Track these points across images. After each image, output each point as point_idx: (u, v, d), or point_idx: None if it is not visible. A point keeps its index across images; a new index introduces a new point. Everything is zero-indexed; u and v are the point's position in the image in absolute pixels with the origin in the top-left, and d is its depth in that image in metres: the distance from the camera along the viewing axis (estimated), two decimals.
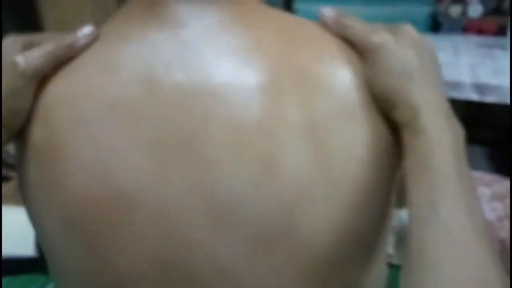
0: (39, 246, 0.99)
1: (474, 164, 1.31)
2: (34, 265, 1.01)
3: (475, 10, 1.40)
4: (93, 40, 0.37)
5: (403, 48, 0.34)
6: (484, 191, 0.98)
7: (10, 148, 1.29)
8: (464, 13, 1.42)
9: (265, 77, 0.33)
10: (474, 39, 1.38)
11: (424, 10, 1.58)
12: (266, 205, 0.32)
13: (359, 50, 0.35)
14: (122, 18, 0.38)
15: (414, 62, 0.34)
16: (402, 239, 0.92)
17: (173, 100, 0.33)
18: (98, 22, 0.40)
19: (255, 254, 0.33)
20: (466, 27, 1.45)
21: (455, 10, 1.44)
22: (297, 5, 1.83)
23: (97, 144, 0.34)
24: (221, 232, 0.33)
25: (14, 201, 1.07)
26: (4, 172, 1.24)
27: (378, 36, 0.34)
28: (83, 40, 0.36)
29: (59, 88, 0.36)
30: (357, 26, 0.36)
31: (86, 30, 0.36)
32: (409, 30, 0.36)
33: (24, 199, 0.39)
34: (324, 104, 0.33)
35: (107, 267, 0.35)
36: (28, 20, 2.45)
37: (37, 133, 0.36)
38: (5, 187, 1.08)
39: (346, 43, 0.36)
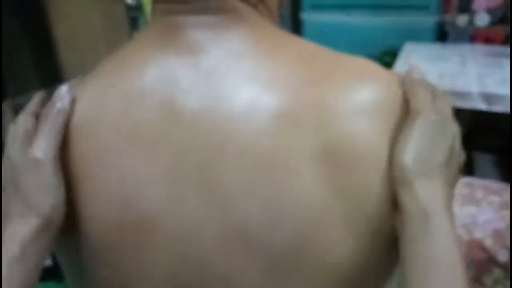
0: (53, 254, 1.00)
1: (482, 173, 1.31)
2: (48, 273, 1.02)
3: (482, 19, 1.41)
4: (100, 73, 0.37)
5: (435, 132, 0.33)
6: (493, 200, 0.98)
7: None
8: (471, 22, 1.43)
9: (281, 107, 0.33)
10: (481, 48, 1.39)
11: (431, 20, 1.59)
12: (281, 233, 0.32)
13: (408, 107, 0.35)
14: (140, 43, 0.38)
15: (440, 157, 0.33)
16: None
17: (190, 127, 0.34)
18: (108, 34, 0.40)
19: (270, 281, 0.33)
20: (473, 36, 1.46)
21: (462, 20, 1.44)
22: (304, 15, 1.85)
23: (118, 173, 0.34)
24: (236, 258, 0.33)
25: None
26: None
27: (427, 110, 0.34)
28: (66, 101, 0.36)
29: (80, 113, 0.36)
30: (422, 93, 0.35)
31: (63, 90, 0.37)
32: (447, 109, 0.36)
33: None
34: (341, 132, 0.32)
35: None
36: (39, 35, 2.48)
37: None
38: None
39: (361, 77, 0.35)
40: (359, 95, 0.34)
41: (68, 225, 0.36)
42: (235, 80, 0.34)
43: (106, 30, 2.34)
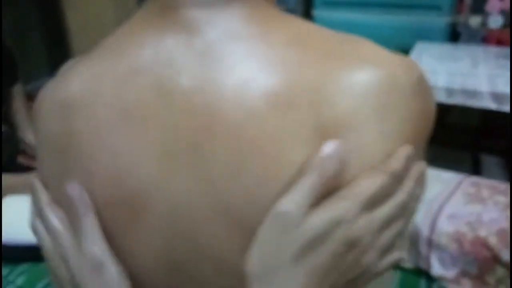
0: None
1: (490, 173, 1.30)
2: None
3: (495, 21, 1.40)
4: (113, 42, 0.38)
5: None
6: (500, 199, 0.98)
7: (30, 138, 1.32)
8: (484, 23, 1.42)
9: (274, 88, 0.33)
10: (493, 49, 1.38)
11: (443, 20, 1.58)
12: (268, 207, 0.32)
13: None
14: (137, 22, 0.38)
15: (287, 253, 0.31)
16: (414, 242, 0.93)
17: (181, 107, 0.34)
18: (120, 24, 0.40)
19: None
20: (485, 37, 1.45)
21: (474, 21, 1.44)
22: (315, 12, 1.85)
23: (112, 150, 0.35)
24: (225, 236, 0.33)
25: None
26: (27, 162, 1.27)
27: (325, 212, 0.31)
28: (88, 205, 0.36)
29: (77, 88, 0.37)
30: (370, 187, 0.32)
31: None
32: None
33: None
34: (336, 116, 0.32)
35: (123, 268, 0.35)
36: (52, 24, 2.50)
37: (57, 133, 0.37)
38: (28, 177, 1.11)
39: (358, 59, 0.35)
40: (355, 77, 0.33)
41: (64, 200, 0.36)
42: (228, 61, 0.34)
43: (118, 19, 2.35)
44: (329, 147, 0.31)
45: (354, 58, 0.34)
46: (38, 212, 0.38)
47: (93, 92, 0.36)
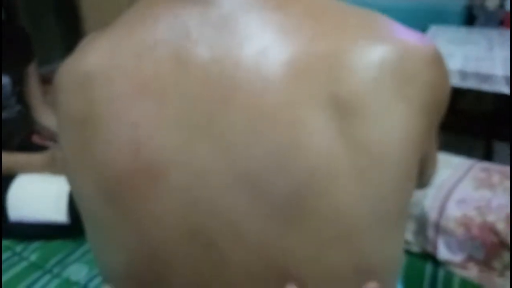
0: (70, 213, 1.03)
1: (501, 161, 1.28)
2: (66, 231, 1.05)
3: (510, 3, 1.37)
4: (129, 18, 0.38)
5: None
6: (510, 185, 0.96)
7: (44, 119, 1.34)
8: (501, 6, 1.39)
9: (290, 58, 0.33)
10: (509, 33, 1.35)
11: (459, 3, 1.55)
12: (284, 180, 0.33)
13: None
14: None
15: None
16: (422, 226, 0.92)
17: (199, 78, 0.34)
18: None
19: (272, 226, 0.34)
20: (502, 20, 1.41)
21: (492, 3, 1.40)
22: None
23: (131, 120, 0.35)
24: (242, 204, 0.34)
25: (49, 170, 1.12)
26: (41, 142, 1.30)
27: None
28: None
29: (96, 61, 0.38)
30: None
31: None
32: None
33: (65, 166, 0.41)
34: (352, 84, 0.33)
35: (143, 236, 0.36)
36: (66, 8, 2.51)
37: (76, 104, 0.38)
38: (41, 156, 1.13)
39: (372, 32, 0.35)
40: (370, 50, 0.34)
41: (84, 168, 0.38)
42: (244, 32, 0.35)
43: (132, 4, 2.35)
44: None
45: (369, 30, 0.35)
46: None
47: (112, 64, 0.37)
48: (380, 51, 0.34)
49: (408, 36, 0.36)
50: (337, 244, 0.34)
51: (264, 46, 0.34)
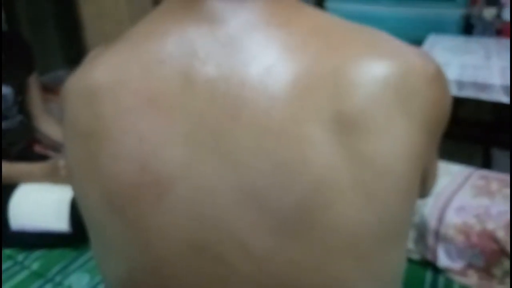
0: (72, 222, 1.04)
1: (500, 167, 1.29)
2: (67, 240, 1.06)
3: (510, 13, 1.38)
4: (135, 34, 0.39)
5: None
6: (509, 193, 0.97)
7: (44, 128, 1.35)
8: (498, 15, 1.40)
9: (296, 75, 0.34)
10: (506, 42, 1.36)
11: (457, 12, 1.56)
12: (290, 196, 0.33)
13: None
14: (161, 13, 0.39)
15: None
16: (422, 234, 0.93)
17: (206, 95, 0.35)
18: (133, 18, 0.41)
19: (278, 241, 0.34)
20: (499, 30, 1.43)
21: (489, 13, 1.42)
22: (328, 4, 1.84)
23: (137, 135, 0.36)
24: (248, 219, 0.34)
25: (51, 179, 1.13)
26: (42, 151, 1.30)
27: None
28: None
29: (103, 75, 0.38)
30: None
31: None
32: None
33: (70, 177, 0.41)
34: (356, 99, 0.33)
35: (147, 248, 0.37)
36: (66, 16, 2.52)
37: (83, 118, 0.38)
38: (43, 165, 1.13)
39: (377, 49, 0.36)
40: (374, 66, 0.35)
41: (90, 180, 0.38)
42: (251, 49, 0.35)
43: (132, 14, 2.36)
44: None
45: (372, 48, 0.36)
46: None
47: (119, 79, 0.37)
48: (383, 67, 0.35)
49: (411, 53, 0.37)
50: (342, 254, 0.35)
51: (269, 64, 0.35)
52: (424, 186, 0.42)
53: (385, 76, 0.34)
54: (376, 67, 0.35)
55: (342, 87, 0.34)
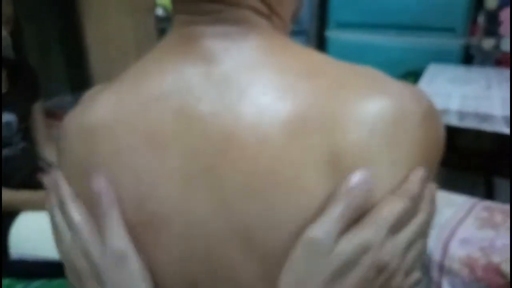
0: None
1: (503, 198, 1.28)
2: None
3: (508, 44, 1.40)
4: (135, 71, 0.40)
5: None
6: None
7: (48, 155, 1.35)
8: (497, 46, 1.42)
9: (288, 116, 0.34)
10: (506, 72, 1.38)
11: (457, 42, 1.59)
12: (280, 237, 0.34)
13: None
14: (161, 51, 0.40)
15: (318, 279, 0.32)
16: (426, 266, 0.92)
17: (199, 132, 0.36)
18: (138, 44, 0.42)
19: (267, 281, 0.34)
20: (498, 60, 1.45)
21: (488, 43, 1.44)
22: (329, 33, 1.87)
23: (134, 173, 0.36)
24: (238, 258, 0.35)
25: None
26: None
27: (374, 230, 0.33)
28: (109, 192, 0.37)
29: (101, 114, 0.38)
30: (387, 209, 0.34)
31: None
32: None
33: None
34: (347, 138, 0.34)
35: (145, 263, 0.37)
36: (72, 42, 2.57)
37: (80, 156, 0.38)
38: (42, 193, 1.13)
39: (369, 89, 0.36)
40: (366, 107, 0.35)
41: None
42: (244, 89, 0.36)
43: (137, 40, 2.40)
44: (356, 177, 0.33)
45: (364, 88, 0.36)
46: (59, 205, 0.39)
47: (117, 117, 0.38)
48: (375, 107, 0.35)
49: (404, 93, 0.37)
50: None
51: (262, 104, 0.35)
52: None
53: (376, 116, 0.35)
54: (368, 107, 0.35)
55: (333, 128, 0.34)
